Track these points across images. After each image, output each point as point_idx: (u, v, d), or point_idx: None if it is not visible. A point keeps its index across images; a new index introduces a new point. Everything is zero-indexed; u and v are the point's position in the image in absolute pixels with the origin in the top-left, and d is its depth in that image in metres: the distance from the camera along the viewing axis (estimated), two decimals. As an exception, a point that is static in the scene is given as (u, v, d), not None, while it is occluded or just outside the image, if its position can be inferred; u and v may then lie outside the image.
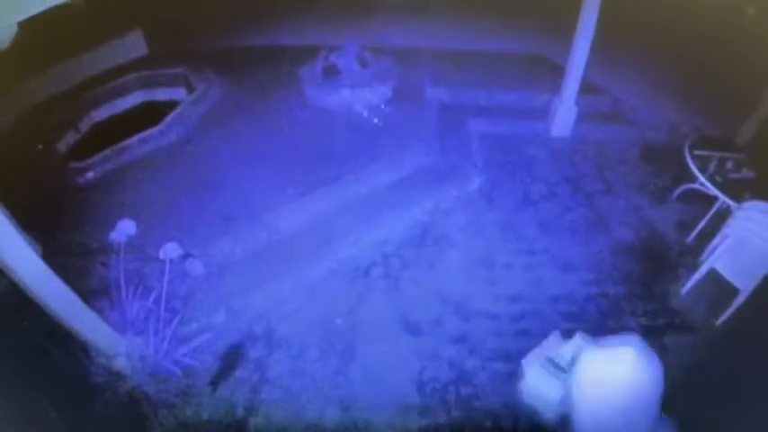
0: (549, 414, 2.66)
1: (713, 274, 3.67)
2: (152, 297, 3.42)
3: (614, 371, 1.63)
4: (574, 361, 2.64)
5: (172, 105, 5.74)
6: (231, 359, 3.53)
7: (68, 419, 2.80)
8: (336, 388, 3.35)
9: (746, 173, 4.09)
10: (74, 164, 4.89)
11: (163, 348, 3.26)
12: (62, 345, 2.99)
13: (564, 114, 5.52)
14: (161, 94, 6.43)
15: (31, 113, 5.61)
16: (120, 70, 6.40)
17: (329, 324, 3.78)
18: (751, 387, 2.98)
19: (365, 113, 5.56)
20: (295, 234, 4.29)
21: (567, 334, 3.03)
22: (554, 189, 4.98)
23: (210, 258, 3.91)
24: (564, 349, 2.80)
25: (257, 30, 6.90)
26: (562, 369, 2.73)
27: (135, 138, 5.12)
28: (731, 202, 3.86)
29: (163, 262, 3.35)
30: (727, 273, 3.58)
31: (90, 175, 4.75)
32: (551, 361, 2.81)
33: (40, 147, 5.14)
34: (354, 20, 6.65)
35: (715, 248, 3.73)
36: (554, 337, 3.03)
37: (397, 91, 5.83)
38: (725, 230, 3.70)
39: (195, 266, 3.70)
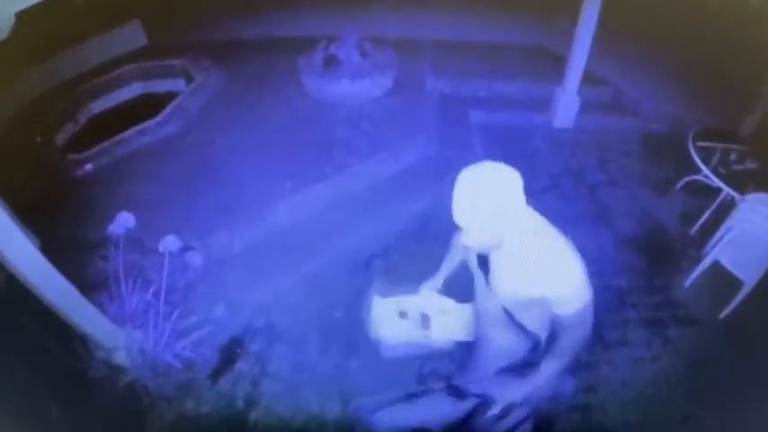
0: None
1: (717, 267, 3.65)
2: (151, 290, 3.38)
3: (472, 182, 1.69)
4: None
5: (170, 97, 5.69)
6: (231, 352, 3.52)
7: (68, 412, 2.79)
8: (337, 381, 3.34)
9: (750, 164, 4.05)
10: (72, 156, 4.85)
11: (162, 341, 3.23)
12: (61, 338, 2.97)
13: (566, 105, 5.47)
14: (159, 86, 6.38)
15: (28, 105, 5.57)
16: (119, 61, 6.35)
17: (329, 317, 3.76)
18: (755, 380, 2.97)
19: (365, 104, 5.51)
20: (295, 226, 4.26)
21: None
22: (556, 180, 4.95)
23: (210, 251, 3.89)
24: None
25: (256, 20, 6.85)
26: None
27: (133, 130, 5.07)
28: (735, 194, 3.82)
29: (162, 255, 3.32)
30: (730, 265, 3.56)
31: (88, 167, 4.72)
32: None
33: (38, 139, 5.10)
34: (354, 10, 6.59)
35: (719, 241, 3.70)
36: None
37: (397, 81, 5.78)
38: (729, 222, 3.67)
39: (195, 259, 3.69)
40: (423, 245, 4.32)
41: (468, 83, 6.05)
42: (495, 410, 2.05)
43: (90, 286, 3.23)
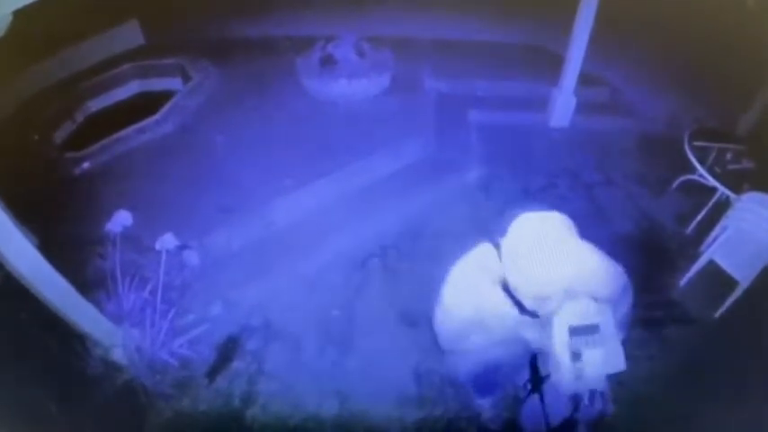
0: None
1: (712, 266, 3.66)
2: (148, 288, 3.39)
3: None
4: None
5: (168, 95, 5.70)
6: (228, 351, 3.53)
7: (65, 410, 2.79)
8: (333, 380, 3.35)
9: (746, 164, 4.07)
10: (70, 154, 4.86)
11: (159, 340, 3.24)
12: (59, 336, 2.97)
13: (563, 105, 5.48)
14: (157, 84, 6.36)
15: (26, 104, 5.56)
16: (116, 60, 6.33)
17: (326, 316, 3.77)
18: (750, 379, 2.99)
19: (363, 103, 5.52)
20: (292, 225, 4.27)
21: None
22: (553, 180, 4.96)
23: (207, 249, 3.90)
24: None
25: (254, 19, 6.83)
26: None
27: (131, 128, 5.07)
28: (730, 194, 3.84)
29: (159, 253, 3.33)
30: (726, 264, 3.57)
31: (86, 165, 4.71)
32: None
33: (36, 137, 5.10)
34: (352, 9, 6.59)
35: (714, 240, 3.72)
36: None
37: (395, 81, 5.78)
38: (724, 222, 3.69)
39: (191, 257, 3.69)
40: (420, 244, 4.34)
41: (466, 82, 6.06)
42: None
43: (87, 284, 3.24)
